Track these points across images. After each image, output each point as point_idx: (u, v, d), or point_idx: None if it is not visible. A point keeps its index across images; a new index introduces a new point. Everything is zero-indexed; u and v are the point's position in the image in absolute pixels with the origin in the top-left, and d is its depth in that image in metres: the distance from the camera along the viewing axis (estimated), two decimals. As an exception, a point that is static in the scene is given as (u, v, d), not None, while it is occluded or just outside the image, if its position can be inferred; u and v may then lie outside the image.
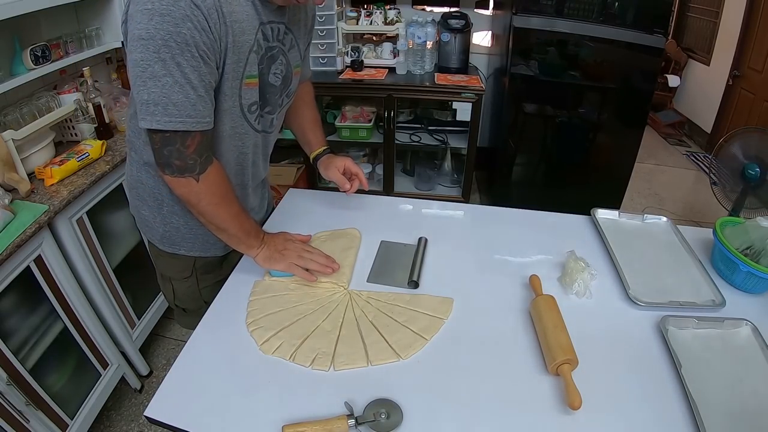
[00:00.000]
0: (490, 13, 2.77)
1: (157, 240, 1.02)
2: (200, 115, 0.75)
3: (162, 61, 0.68)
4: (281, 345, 0.79)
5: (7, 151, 1.28)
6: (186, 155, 0.77)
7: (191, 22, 0.67)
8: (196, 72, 0.71)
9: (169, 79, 0.70)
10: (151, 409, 0.70)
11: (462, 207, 1.29)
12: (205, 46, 0.70)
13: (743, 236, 0.96)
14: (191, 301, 1.08)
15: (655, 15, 2.14)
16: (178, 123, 0.73)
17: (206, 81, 0.74)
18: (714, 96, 3.69)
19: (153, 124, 0.73)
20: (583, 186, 2.56)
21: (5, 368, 1.14)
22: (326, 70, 2.56)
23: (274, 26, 0.84)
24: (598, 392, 0.71)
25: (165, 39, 0.67)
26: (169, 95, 0.71)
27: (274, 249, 0.94)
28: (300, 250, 0.95)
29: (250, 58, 0.80)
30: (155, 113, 0.72)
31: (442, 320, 0.85)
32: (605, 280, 0.96)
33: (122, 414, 1.65)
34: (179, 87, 0.71)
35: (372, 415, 0.67)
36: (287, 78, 0.92)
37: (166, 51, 0.68)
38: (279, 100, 0.94)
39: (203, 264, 1.04)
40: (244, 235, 0.90)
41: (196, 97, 0.73)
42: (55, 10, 1.50)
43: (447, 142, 2.67)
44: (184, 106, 0.72)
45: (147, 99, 0.71)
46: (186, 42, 0.68)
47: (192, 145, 0.76)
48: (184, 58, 0.69)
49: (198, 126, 0.75)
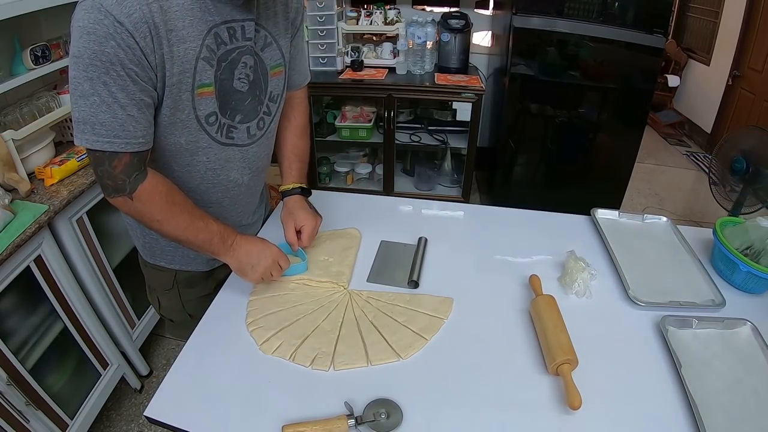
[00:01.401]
0: (490, 13, 2.77)
1: (140, 249, 1.01)
2: (129, 135, 0.71)
3: (90, 80, 0.66)
4: (281, 345, 0.79)
5: (7, 151, 1.28)
6: (114, 175, 0.74)
7: (114, 41, 0.64)
8: (123, 91, 0.68)
9: (96, 98, 0.68)
10: (151, 409, 0.70)
11: (462, 207, 1.29)
12: (132, 64, 0.67)
13: (743, 236, 0.96)
14: (175, 314, 1.07)
15: (655, 15, 2.14)
16: (105, 143, 0.70)
17: (136, 99, 0.70)
18: (714, 96, 3.69)
19: (82, 142, 0.71)
20: (583, 186, 2.56)
21: (5, 368, 1.14)
22: (326, 70, 2.56)
23: (236, 25, 0.76)
24: (598, 392, 0.71)
25: (91, 58, 0.65)
26: (96, 114, 0.68)
27: (246, 260, 0.87)
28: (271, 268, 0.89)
29: (199, 66, 0.74)
30: (84, 131, 0.70)
31: (442, 320, 0.85)
32: (605, 280, 0.96)
33: (122, 414, 1.65)
34: (106, 106, 0.68)
35: (372, 415, 0.67)
36: (258, 81, 0.85)
37: (92, 70, 0.66)
38: (255, 107, 0.87)
39: (185, 278, 1.02)
40: (204, 244, 0.85)
41: (125, 116, 0.70)
42: (55, 10, 1.49)
43: (447, 142, 2.67)
44: (111, 126, 0.70)
45: (78, 117, 0.69)
46: (110, 61, 0.65)
47: (119, 165, 0.73)
48: (110, 77, 0.67)
49: (127, 147, 0.72)
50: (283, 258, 0.91)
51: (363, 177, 2.87)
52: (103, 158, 0.73)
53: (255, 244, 0.89)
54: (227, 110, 0.82)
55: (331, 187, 2.85)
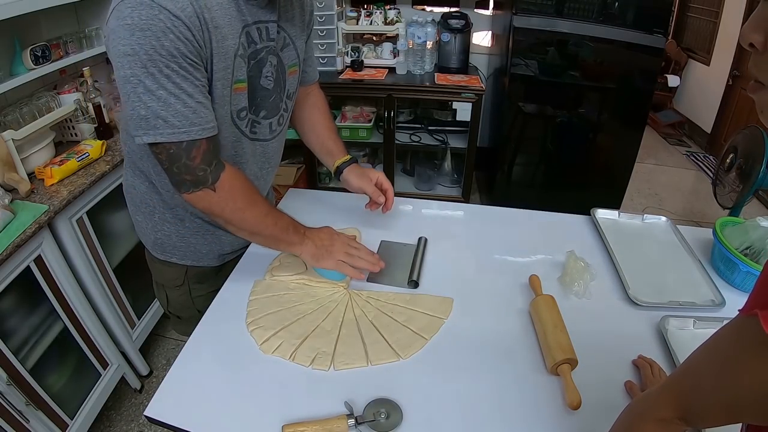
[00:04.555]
0: (490, 13, 2.77)
1: (150, 246, 1.01)
2: (203, 120, 0.73)
3: (151, 76, 0.67)
4: (281, 345, 0.79)
5: (7, 151, 1.28)
6: (193, 168, 0.74)
7: (172, 34, 0.66)
8: (187, 81, 0.70)
9: (162, 92, 0.68)
10: (151, 409, 0.70)
11: (462, 207, 1.29)
12: (191, 55, 0.69)
13: (743, 236, 0.96)
14: (184, 310, 1.07)
15: (655, 15, 2.14)
16: (182, 133, 0.71)
17: (200, 87, 0.72)
18: (714, 96, 3.69)
19: (157, 137, 0.70)
20: (583, 186, 2.56)
21: (5, 368, 1.14)
22: (326, 70, 2.56)
23: (262, 26, 0.80)
24: (598, 392, 0.71)
25: (149, 53, 0.65)
26: (166, 107, 0.69)
27: (321, 245, 0.90)
28: (347, 247, 0.91)
29: (236, 62, 0.77)
30: (157, 126, 0.70)
31: (441, 320, 0.85)
32: (605, 280, 0.96)
33: (122, 414, 1.65)
34: (175, 98, 0.69)
35: (372, 414, 0.67)
36: (279, 79, 0.89)
37: (152, 65, 0.66)
38: (277, 104, 0.91)
39: (196, 273, 1.02)
40: (281, 233, 0.86)
41: (195, 104, 0.71)
42: (55, 10, 1.50)
43: (447, 142, 2.67)
44: (185, 115, 0.70)
45: (146, 114, 0.69)
46: (171, 54, 0.66)
47: (198, 155, 0.74)
48: (171, 70, 0.67)
49: (203, 133, 0.73)
50: (353, 239, 0.95)
51: (363, 177, 2.87)
52: (179, 152, 0.72)
53: (323, 231, 0.93)
54: (254, 106, 0.86)
55: (331, 187, 2.84)
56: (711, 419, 0.42)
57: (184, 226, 0.95)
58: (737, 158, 1.94)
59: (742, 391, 0.37)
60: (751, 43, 0.36)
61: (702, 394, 0.41)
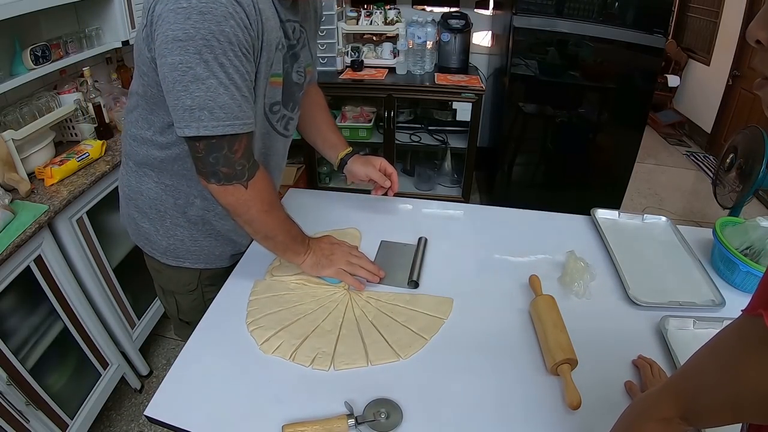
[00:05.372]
0: (490, 13, 2.78)
1: (159, 254, 0.97)
2: (246, 116, 0.71)
3: (205, 63, 0.64)
4: (281, 345, 0.79)
5: (7, 151, 1.28)
6: (234, 161, 0.73)
7: (233, 20, 0.64)
8: (239, 72, 0.68)
9: (213, 81, 0.66)
10: (151, 409, 0.70)
11: (462, 207, 1.29)
12: (246, 44, 0.68)
13: (743, 236, 0.96)
14: (195, 314, 1.02)
15: (655, 15, 2.14)
16: (227, 127, 0.69)
17: (248, 80, 0.71)
18: (714, 96, 3.69)
19: (200, 130, 0.68)
20: (583, 186, 2.56)
21: (5, 368, 1.14)
22: (326, 70, 2.56)
23: (291, 24, 0.82)
24: (598, 392, 0.71)
25: (207, 38, 0.63)
26: (215, 98, 0.67)
27: (321, 254, 0.91)
28: (348, 255, 0.92)
29: (276, 56, 0.78)
30: (201, 119, 0.68)
31: (441, 320, 0.85)
32: (605, 280, 0.96)
33: (122, 414, 1.65)
34: (224, 89, 0.67)
35: (372, 414, 0.67)
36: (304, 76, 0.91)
37: (208, 51, 0.64)
38: (300, 98, 0.94)
39: (209, 276, 1.01)
40: (291, 242, 0.86)
41: (241, 97, 0.70)
42: (55, 10, 1.49)
43: (447, 142, 2.67)
44: (230, 109, 0.68)
45: (191, 104, 0.67)
46: (229, 41, 0.65)
47: (240, 149, 0.72)
48: (227, 58, 0.66)
49: (245, 128, 0.72)
50: (354, 248, 0.95)
51: (363, 177, 2.87)
52: (222, 144, 0.71)
53: (324, 241, 0.94)
54: (289, 102, 0.88)
55: (331, 187, 2.84)
56: (713, 419, 0.42)
57: (198, 230, 0.94)
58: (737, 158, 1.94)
59: (745, 391, 0.37)
60: (757, 40, 0.37)
61: (704, 393, 0.41)
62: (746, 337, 0.37)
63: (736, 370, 0.38)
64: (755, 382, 0.36)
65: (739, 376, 0.37)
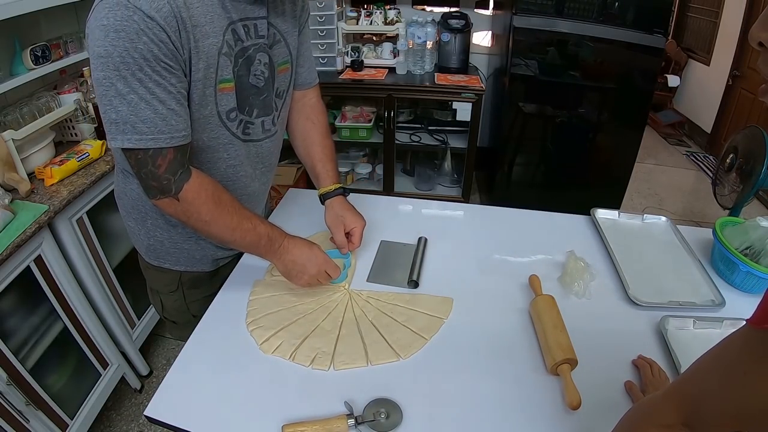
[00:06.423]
0: (490, 13, 2.77)
1: (143, 252, 0.99)
2: (173, 129, 0.71)
3: (123, 79, 0.66)
4: (281, 344, 0.79)
5: (7, 151, 1.28)
6: (158, 175, 0.73)
7: (146, 36, 0.64)
8: (160, 86, 0.68)
9: (133, 96, 0.67)
10: (151, 409, 0.70)
11: (462, 207, 1.29)
12: (166, 58, 0.67)
13: (743, 236, 0.96)
14: (179, 315, 1.05)
15: (655, 15, 2.14)
16: (149, 140, 0.70)
17: (174, 92, 0.70)
18: (714, 96, 3.69)
19: (125, 143, 0.69)
20: (583, 186, 2.56)
21: (5, 368, 1.14)
22: (326, 70, 2.56)
23: (250, 23, 0.78)
24: (598, 392, 0.71)
25: (122, 56, 0.64)
26: (136, 113, 0.68)
27: (293, 267, 0.86)
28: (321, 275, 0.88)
29: (221, 61, 0.75)
30: (125, 131, 0.69)
31: (441, 320, 0.86)
32: (605, 280, 0.96)
33: (122, 414, 1.65)
34: (145, 103, 0.68)
35: (372, 414, 0.67)
36: (270, 78, 0.87)
37: (125, 68, 0.65)
38: (271, 103, 0.89)
39: (190, 278, 1.01)
40: (251, 247, 0.85)
41: (166, 110, 0.70)
42: (55, 10, 1.49)
43: (447, 142, 2.67)
44: (154, 122, 0.69)
45: (115, 118, 0.68)
46: (144, 57, 0.65)
47: (163, 164, 0.72)
48: (144, 74, 0.66)
49: (172, 141, 0.71)
50: (331, 266, 0.89)
51: (363, 177, 2.87)
52: (146, 159, 0.71)
53: (302, 250, 0.87)
54: (245, 106, 0.84)
55: (331, 187, 2.84)
56: (715, 427, 0.42)
57: (177, 232, 0.94)
58: (737, 158, 1.94)
59: (751, 402, 0.37)
60: (760, 42, 0.36)
61: (708, 401, 0.41)
62: (753, 349, 0.37)
63: (742, 381, 0.38)
64: (762, 394, 0.36)
65: (744, 387, 0.37)
